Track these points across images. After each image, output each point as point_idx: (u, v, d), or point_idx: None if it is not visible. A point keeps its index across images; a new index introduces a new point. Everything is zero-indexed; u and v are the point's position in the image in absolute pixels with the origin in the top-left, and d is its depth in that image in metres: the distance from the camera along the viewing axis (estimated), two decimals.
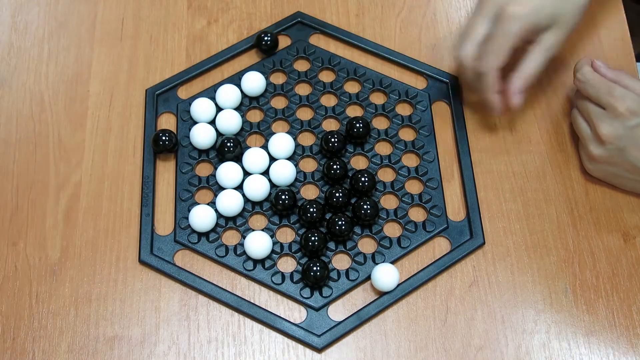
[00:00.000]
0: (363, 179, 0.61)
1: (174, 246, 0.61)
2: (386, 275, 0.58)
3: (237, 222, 0.62)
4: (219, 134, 0.66)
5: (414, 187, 0.64)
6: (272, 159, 0.64)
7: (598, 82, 0.60)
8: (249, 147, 0.65)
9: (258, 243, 0.59)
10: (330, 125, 0.67)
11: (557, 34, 0.62)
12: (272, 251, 0.60)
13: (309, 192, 0.64)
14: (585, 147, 0.62)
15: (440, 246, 0.61)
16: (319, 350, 0.57)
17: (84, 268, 0.60)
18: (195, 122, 0.66)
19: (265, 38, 0.69)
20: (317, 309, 0.58)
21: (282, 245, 0.61)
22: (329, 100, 0.68)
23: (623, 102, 0.58)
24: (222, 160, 0.64)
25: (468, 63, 0.63)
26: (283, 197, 0.61)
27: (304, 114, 0.68)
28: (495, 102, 0.63)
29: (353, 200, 0.62)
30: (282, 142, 0.64)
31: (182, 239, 0.61)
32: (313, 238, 0.59)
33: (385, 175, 0.65)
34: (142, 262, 0.60)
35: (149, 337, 0.57)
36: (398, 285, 0.59)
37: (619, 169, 0.61)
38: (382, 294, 0.59)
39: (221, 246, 0.61)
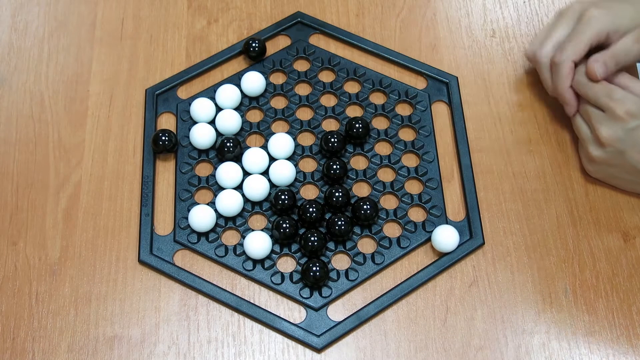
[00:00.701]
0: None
1: (174, 246, 0.61)
2: (448, 235, 0.59)
3: (237, 222, 0.62)
4: (218, 134, 0.66)
5: (413, 187, 0.64)
6: (272, 159, 0.64)
7: (596, 84, 0.60)
8: (248, 147, 0.65)
9: (258, 243, 0.59)
10: (330, 125, 0.67)
11: (634, 40, 0.60)
12: (272, 251, 0.60)
13: (309, 192, 0.64)
14: (585, 149, 0.62)
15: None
16: (319, 350, 0.57)
17: (84, 268, 0.60)
18: (195, 122, 0.66)
19: (253, 44, 0.69)
20: (316, 309, 0.58)
21: (281, 245, 0.61)
22: (328, 101, 0.68)
23: (622, 105, 0.58)
24: (222, 160, 0.64)
25: (545, 59, 0.63)
26: (283, 197, 0.61)
27: (304, 114, 0.68)
28: (567, 96, 0.62)
29: (353, 201, 0.62)
30: (281, 142, 0.64)
31: (182, 239, 0.61)
32: (313, 238, 0.59)
33: (385, 175, 0.65)
34: (141, 262, 0.60)
35: (149, 337, 0.57)
36: (401, 282, 0.59)
37: (618, 171, 0.61)
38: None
39: (221, 246, 0.61)
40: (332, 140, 0.64)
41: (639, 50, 0.60)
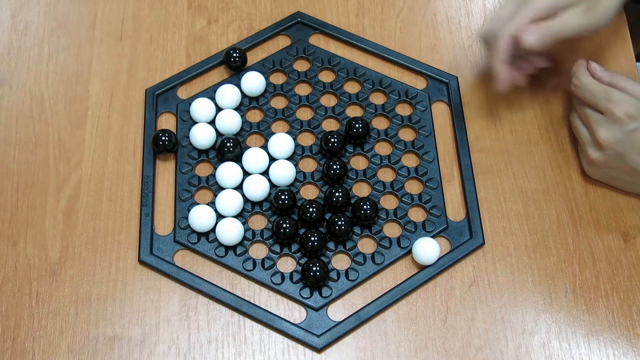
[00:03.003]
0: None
1: (174, 246, 0.61)
2: (427, 248, 0.59)
3: None
4: (218, 134, 0.66)
5: (413, 187, 0.64)
6: (272, 159, 0.64)
7: (595, 87, 0.60)
8: (248, 147, 0.65)
9: (233, 228, 0.59)
10: (330, 125, 0.67)
11: (578, 13, 0.59)
12: (271, 251, 0.60)
13: (309, 192, 0.64)
14: (584, 151, 0.62)
15: (440, 246, 0.61)
16: (319, 350, 0.57)
17: (84, 268, 0.60)
18: (195, 122, 0.66)
19: (234, 55, 0.68)
20: (316, 309, 0.58)
21: (281, 246, 0.61)
22: (328, 100, 0.68)
23: (621, 107, 0.58)
24: (222, 160, 0.64)
25: (485, 34, 0.62)
26: (283, 197, 0.61)
27: (304, 114, 0.68)
28: (500, 71, 0.61)
29: (353, 201, 0.62)
30: (282, 142, 0.64)
31: (182, 239, 0.61)
32: (313, 238, 0.59)
33: (385, 175, 0.65)
34: (141, 262, 0.60)
35: (149, 337, 0.57)
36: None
37: (618, 172, 0.61)
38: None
39: (221, 246, 0.61)
40: (332, 140, 0.64)
41: (580, 23, 0.59)
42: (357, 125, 0.64)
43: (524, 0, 0.60)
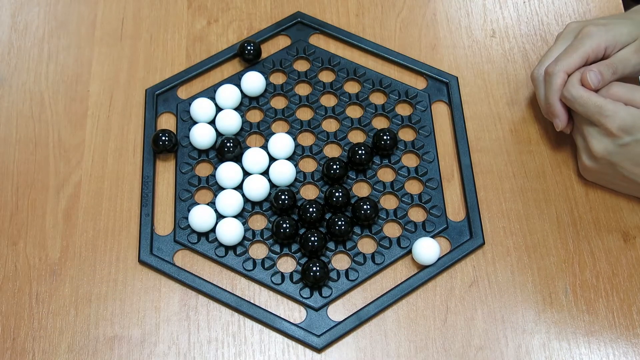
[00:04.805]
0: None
1: (174, 246, 0.61)
2: (427, 248, 0.59)
3: None
4: (218, 134, 0.66)
5: (413, 187, 0.64)
6: (272, 159, 0.64)
7: (586, 100, 0.58)
8: (248, 147, 0.65)
9: (233, 228, 0.60)
10: (330, 125, 0.67)
11: (633, 50, 0.60)
12: (271, 251, 0.60)
13: (309, 192, 0.64)
14: (579, 157, 0.62)
15: (440, 246, 0.61)
16: (319, 350, 0.57)
17: (84, 268, 0.60)
18: (195, 122, 0.66)
19: (248, 47, 0.69)
20: (316, 309, 0.58)
21: (281, 245, 0.61)
22: (328, 101, 0.68)
23: (614, 121, 0.57)
24: (222, 160, 0.64)
25: (541, 76, 0.62)
26: (283, 197, 0.61)
27: (304, 114, 0.68)
28: (557, 108, 0.61)
29: (353, 201, 0.62)
30: (282, 142, 0.64)
31: (182, 239, 0.61)
32: (313, 238, 0.59)
33: (385, 175, 0.65)
34: (141, 262, 0.60)
35: (149, 337, 0.57)
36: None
37: (613, 178, 0.61)
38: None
39: (221, 246, 0.61)
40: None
41: (636, 62, 0.60)
42: (385, 138, 0.64)
43: (575, 38, 0.61)
